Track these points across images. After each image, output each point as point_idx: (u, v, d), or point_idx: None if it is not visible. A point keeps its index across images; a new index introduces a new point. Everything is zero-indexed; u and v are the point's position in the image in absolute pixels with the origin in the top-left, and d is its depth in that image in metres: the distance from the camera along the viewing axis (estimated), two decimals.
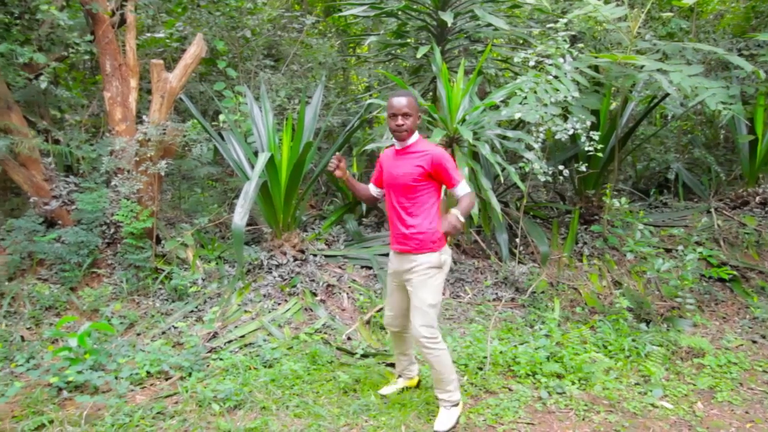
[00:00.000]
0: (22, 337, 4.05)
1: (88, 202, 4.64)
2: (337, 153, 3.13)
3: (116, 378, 3.49)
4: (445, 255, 3.03)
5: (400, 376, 3.46)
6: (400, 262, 3.05)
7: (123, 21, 4.94)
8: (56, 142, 5.00)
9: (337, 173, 3.13)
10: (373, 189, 3.31)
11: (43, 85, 4.56)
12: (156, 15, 6.43)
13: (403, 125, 2.91)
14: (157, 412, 3.16)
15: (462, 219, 2.80)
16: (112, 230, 4.79)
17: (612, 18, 4.41)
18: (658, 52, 4.76)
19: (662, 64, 4.29)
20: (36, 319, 4.25)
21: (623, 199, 4.67)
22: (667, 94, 5.28)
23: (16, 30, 4.46)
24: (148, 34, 6.43)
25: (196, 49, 5.03)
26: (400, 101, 2.91)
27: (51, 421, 3.05)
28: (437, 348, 2.95)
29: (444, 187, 3.08)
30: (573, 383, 3.52)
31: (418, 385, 3.47)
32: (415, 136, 3.01)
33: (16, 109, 4.65)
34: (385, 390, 3.41)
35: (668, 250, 5.24)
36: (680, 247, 4.60)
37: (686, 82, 4.09)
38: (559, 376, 3.61)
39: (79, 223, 4.72)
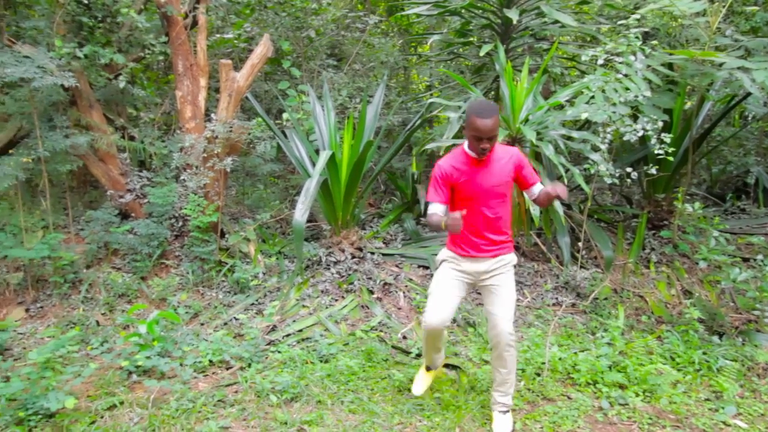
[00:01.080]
0: (97, 321, 4.30)
1: (159, 196, 4.87)
2: (456, 215, 2.71)
3: (181, 365, 3.65)
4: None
5: (429, 368, 3.37)
6: (481, 264, 2.95)
7: (195, 23, 5.15)
8: (131, 138, 5.28)
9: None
10: (439, 209, 2.89)
11: (122, 85, 4.82)
12: (226, 16, 6.67)
13: (487, 149, 2.71)
14: (218, 400, 3.28)
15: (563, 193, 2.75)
16: (180, 223, 5.01)
17: (689, 13, 4.18)
18: (740, 48, 4.47)
19: (744, 62, 4.03)
20: (110, 306, 4.50)
21: (696, 204, 4.42)
22: (749, 94, 4.95)
23: (99, 32, 4.74)
24: (218, 35, 6.67)
25: (262, 49, 5.17)
26: (488, 125, 2.63)
27: (122, 402, 3.23)
28: (516, 347, 2.93)
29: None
30: (637, 395, 3.37)
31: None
32: None
33: (97, 108, 4.94)
34: (419, 388, 3.33)
35: (746, 260, 4.92)
36: (759, 257, 4.31)
37: None
38: (622, 387, 3.47)
39: (150, 216, 4.97)
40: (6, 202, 4.86)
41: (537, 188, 2.94)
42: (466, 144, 2.85)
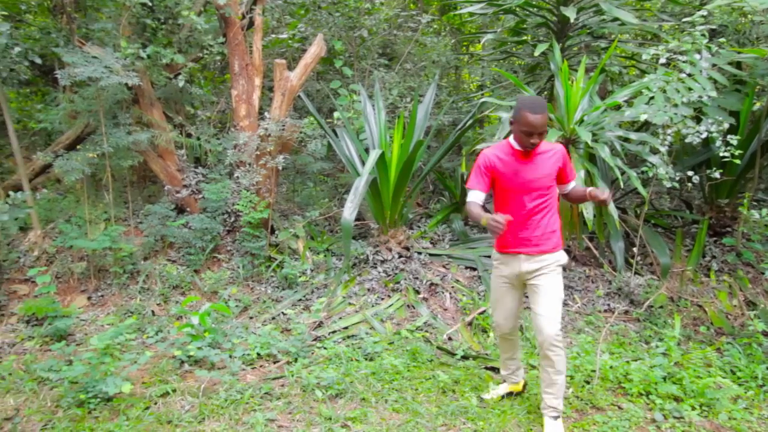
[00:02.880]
0: (153, 311, 4.48)
1: (213, 192, 5.03)
2: (500, 217, 2.66)
3: (230, 357, 3.74)
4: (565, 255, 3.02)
5: (504, 380, 3.38)
6: (528, 263, 2.92)
7: (251, 23, 5.28)
8: (188, 135, 5.47)
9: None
10: (478, 198, 2.91)
11: (181, 84, 5.00)
12: (281, 17, 6.80)
13: (536, 143, 2.78)
14: (265, 393, 3.35)
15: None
16: (233, 219, 5.15)
17: (761, 9, 3.96)
18: None
19: None
20: (165, 297, 4.68)
21: (764, 211, 4.18)
22: None
23: (161, 34, 4.93)
24: (273, 36, 6.81)
25: (316, 49, 5.24)
26: (538, 120, 2.69)
27: (174, 390, 3.35)
28: (562, 347, 2.86)
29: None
30: (693, 408, 3.22)
31: (523, 390, 3.35)
32: None
33: (158, 106, 5.14)
34: (488, 394, 3.34)
35: None
36: None
37: None
38: (677, 399, 3.32)
39: (205, 211, 5.13)
40: (72, 195, 5.14)
41: (571, 185, 3.01)
42: (511, 137, 2.91)
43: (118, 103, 4.86)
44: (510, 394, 3.34)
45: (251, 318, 4.44)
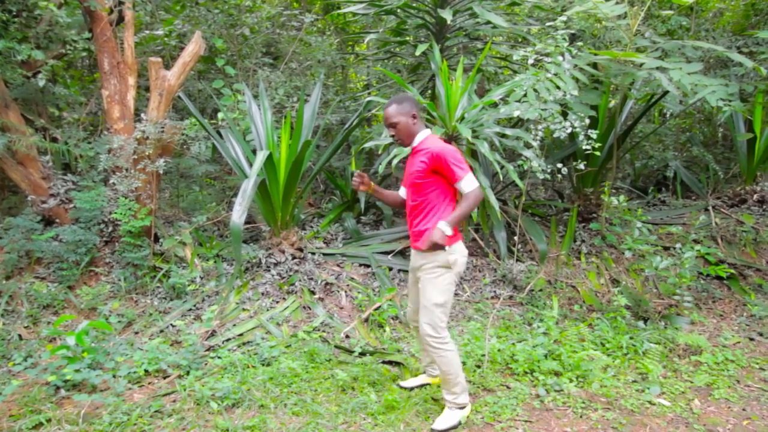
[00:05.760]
0: (19, 335, 4.04)
1: (86, 201, 4.64)
2: (356, 171, 3.15)
3: (114, 376, 3.49)
4: (456, 254, 2.94)
5: (423, 371, 3.51)
6: (415, 258, 3.10)
7: (121, 18, 4.93)
8: (54, 140, 4.99)
9: (362, 188, 3.14)
10: (402, 192, 3.27)
11: (41, 83, 4.55)
12: (154, 12, 6.42)
13: (394, 135, 3.00)
14: (155, 411, 3.16)
15: (447, 231, 2.79)
16: (110, 228, 4.79)
17: (612, 15, 4.40)
18: (658, 49, 4.75)
19: (662, 62, 4.29)
20: (34, 318, 4.24)
21: (621, 197, 4.67)
22: (666, 92, 5.28)
23: (14, 27, 4.44)
24: (147, 32, 6.41)
25: (194, 47, 5.02)
26: (386, 112, 2.97)
27: (49, 420, 3.05)
28: (443, 348, 2.94)
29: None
30: (571, 381, 3.53)
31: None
32: (423, 134, 3.01)
33: (14, 107, 4.64)
34: (406, 383, 3.45)
35: (666, 248, 5.24)
36: (678, 245, 4.61)
37: (686, 79, 4.08)
38: (557, 374, 3.62)
39: (77, 222, 4.71)
40: None
41: (462, 187, 2.87)
42: None
43: None
44: (428, 385, 3.45)
45: (136, 333, 4.16)
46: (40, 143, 4.77)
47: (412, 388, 3.42)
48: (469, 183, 2.86)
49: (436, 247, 2.85)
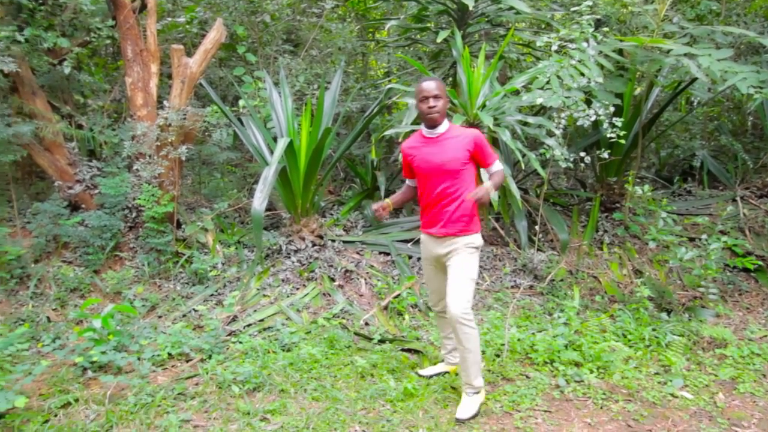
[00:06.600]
0: (48, 318, 4.15)
1: (111, 187, 4.71)
2: (375, 205, 3.18)
3: (139, 359, 3.56)
4: (480, 238, 3.11)
5: (442, 360, 3.51)
6: (441, 245, 3.08)
7: (144, 6, 4.97)
8: (79, 127, 5.07)
9: (385, 214, 3.19)
10: (410, 182, 3.32)
11: (67, 71, 4.61)
12: (176, 0, 6.45)
13: (435, 107, 2.95)
14: (178, 393, 3.22)
15: (493, 190, 2.91)
16: (134, 214, 4.86)
17: (638, 0, 4.30)
18: (686, 35, 4.63)
19: (690, 48, 4.18)
20: (61, 301, 4.35)
21: (646, 187, 4.58)
22: (695, 79, 5.15)
23: (40, 15, 4.50)
24: (169, 19, 6.45)
25: (215, 34, 5.03)
26: (430, 84, 2.96)
27: (76, 400, 3.13)
28: (470, 325, 2.96)
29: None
30: (591, 372, 3.50)
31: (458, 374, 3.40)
32: (447, 122, 3.06)
33: (41, 94, 4.72)
34: (425, 371, 3.45)
35: (692, 239, 5.14)
36: (704, 236, 4.51)
37: (715, 66, 3.98)
38: (578, 365, 3.59)
39: (102, 207, 4.80)
40: None
41: (494, 168, 3.10)
42: (422, 125, 3.10)
43: None
44: (446, 373, 3.45)
45: (160, 317, 4.23)
46: (66, 130, 4.85)
47: (430, 376, 3.42)
48: (498, 164, 3.10)
49: (481, 201, 2.85)
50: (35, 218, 4.70)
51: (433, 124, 3.01)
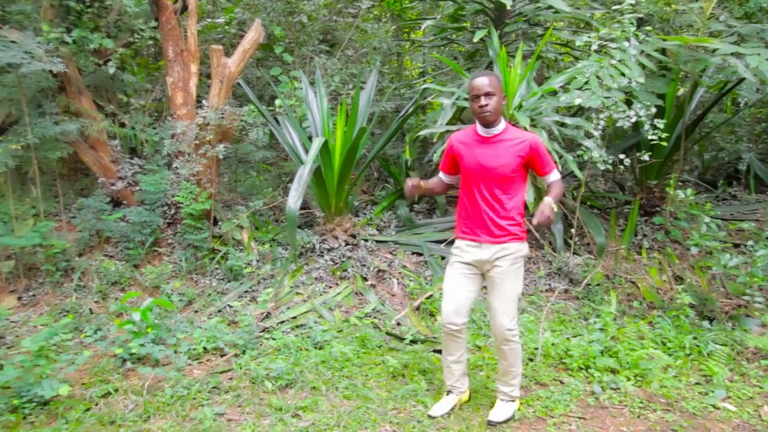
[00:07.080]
0: (90, 309, 4.29)
1: (151, 184, 4.84)
2: (408, 180, 2.97)
3: (175, 352, 3.64)
4: (527, 246, 2.98)
5: (450, 391, 3.12)
6: (485, 252, 2.87)
7: (185, 7, 5.08)
8: (122, 125, 5.22)
9: (416, 192, 2.98)
10: (444, 177, 3.09)
11: (111, 71, 4.76)
12: (216, 1, 6.58)
13: (486, 105, 2.73)
14: (213, 387, 3.28)
15: (555, 207, 2.74)
16: (173, 211, 4.98)
17: None
18: (734, 34, 4.47)
19: (738, 47, 4.03)
20: (103, 294, 4.49)
21: (688, 191, 4.44)
22: (742, 79, 4.97)
23: (87, 17, 4.66)
24: (208, 20, 6.58)
25: (254, 35, 5.11)
26: (482, 80, 2.74)
27: (116, 390, 3.23)
28: (516, 341, 2.87)
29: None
30: (628, 379, 3.41)
31: (469, 399, 3.17)
32: (503, 122, 2.86)
33: (87, 94, 4.88)
34: (434, 411, 3.03)
35: (736, 245, 4.97)
36: (750, 243, 4.35)
37: (764, 66, 3.82)
38: (614, 372, 3.51)
39: (143, 204, 4.93)
40: None
41: (551, 178, 2.90)
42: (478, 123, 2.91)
43: (42, 91, 4.58)
44: (459, 407, 3.12)
45: (196, 312, 4.33)
46: (109, 128, 5.00)
47: (443, 416, 3.02)
48: (556, 173, 2.92)
49: (548, 222, 2.70)
50: (80, 213, 4.86)
51: (486, 124, 2.82)
